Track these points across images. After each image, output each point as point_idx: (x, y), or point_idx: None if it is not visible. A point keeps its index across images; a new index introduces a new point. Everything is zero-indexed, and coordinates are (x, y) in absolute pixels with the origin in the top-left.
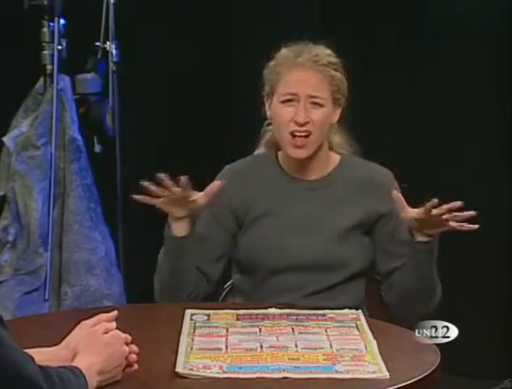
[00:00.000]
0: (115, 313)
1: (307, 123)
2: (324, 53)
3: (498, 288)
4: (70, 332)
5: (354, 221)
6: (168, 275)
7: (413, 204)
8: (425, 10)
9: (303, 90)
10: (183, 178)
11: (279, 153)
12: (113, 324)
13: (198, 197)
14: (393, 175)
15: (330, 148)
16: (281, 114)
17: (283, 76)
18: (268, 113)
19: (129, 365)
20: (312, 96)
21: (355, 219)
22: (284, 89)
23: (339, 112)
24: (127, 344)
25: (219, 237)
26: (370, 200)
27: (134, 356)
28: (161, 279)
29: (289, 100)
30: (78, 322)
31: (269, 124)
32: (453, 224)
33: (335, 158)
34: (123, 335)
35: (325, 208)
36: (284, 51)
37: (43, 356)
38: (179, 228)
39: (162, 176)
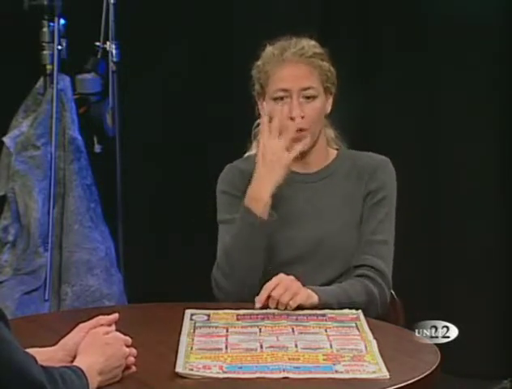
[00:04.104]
0: (114, 316)
1: (302, 118)
2: (309, 44)
3: (498, 288)
4: (69, 333)
5: (354, 212)
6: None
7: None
8: (425, 10)
9: (294, 85)
10: None
11: None
12: (112, 327)
13: None
14: (390, 162)
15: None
16: (276, 113)
17: (272, 74)
18: (262, 113)
19: (127, 367)
20: (304, 89)
21: (355, 208)
22: (275, 86)
23: (331, 101)
24: (127, 346)
25: None
26: (364, 185)
27: (132, 359)
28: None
29: (281, 97)
30: (78, 323)
31: (259, 124)
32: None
33: (333, 152)
34: (123, 337)
35: (326, 200)
36: (269, 49)
37: (40, 356)
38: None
39: None
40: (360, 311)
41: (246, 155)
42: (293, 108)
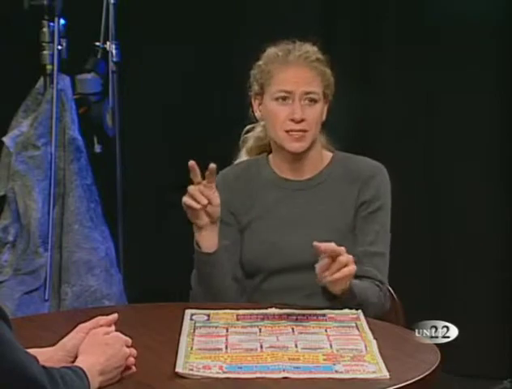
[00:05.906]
0: (114, 316)
1: (303, 121)
2: (313, 50)
3: (498, 288)
4: (69, 333)
5: (347, 218)
6: (209, 296)
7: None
8: (426, 10)
9: (298, 87)
10: (212, 165)
11: (270, 156)
12: (112, 328)
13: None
14: (384, 168)
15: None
16: (276, 113)
17: (276, 74)
18: (257, 114)
19: (127, 367)
20: (307, 93)
21: (347, 215)
22: (278, 87)
23: (326, 109)
24: (127, 346)
25: (236, 239)
26: (357, 192)
27: (132, 360)
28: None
29: (283, 98)
30: (78, 323)
31: (248, 131)
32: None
33: (327, 156)
34: (124, 337)
35: (316, 208)
36: (273, 50)
37: (39, 356)
38: (207, 242)
39: (192, 163)
40: (360, 311)
41: (236, 162)
42: (296, 110)
